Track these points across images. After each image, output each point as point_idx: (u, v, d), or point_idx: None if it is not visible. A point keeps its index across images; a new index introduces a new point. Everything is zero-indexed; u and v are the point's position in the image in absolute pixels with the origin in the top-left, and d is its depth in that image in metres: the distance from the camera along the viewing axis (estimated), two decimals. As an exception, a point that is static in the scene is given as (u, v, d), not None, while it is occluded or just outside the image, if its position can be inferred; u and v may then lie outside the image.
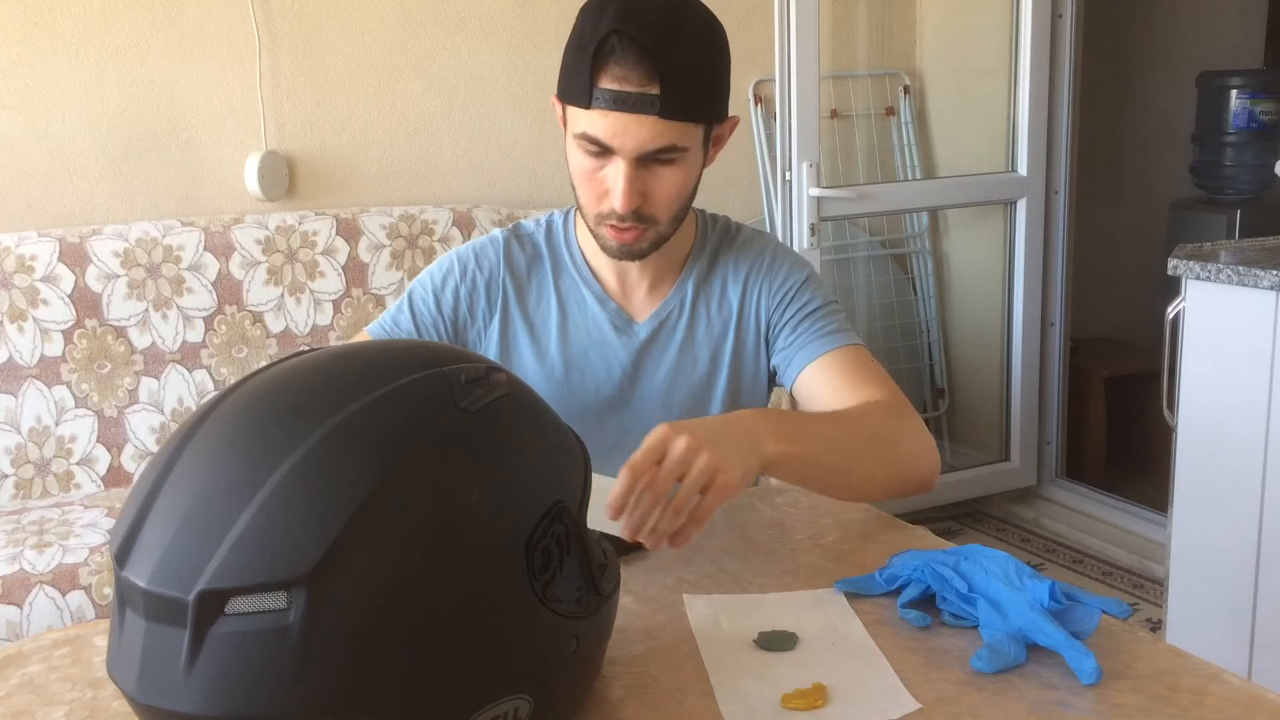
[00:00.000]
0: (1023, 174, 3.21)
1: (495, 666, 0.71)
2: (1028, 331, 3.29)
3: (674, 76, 1.13)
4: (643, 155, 1.17)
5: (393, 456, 0.69)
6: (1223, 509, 2.17)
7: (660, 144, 1.16)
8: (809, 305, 1.33)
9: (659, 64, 1.12)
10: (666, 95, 1.13)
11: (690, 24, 1.15)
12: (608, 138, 1.16)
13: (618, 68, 1.12)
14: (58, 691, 0.89)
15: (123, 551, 0.69)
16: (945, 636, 0.93)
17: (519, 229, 1.39)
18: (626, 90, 1.13)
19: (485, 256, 1.36)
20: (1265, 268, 2.05)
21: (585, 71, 1.14)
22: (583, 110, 1.16)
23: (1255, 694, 0.82)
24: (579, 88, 1.15)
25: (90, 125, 2.56)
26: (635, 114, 1.13)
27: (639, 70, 1.12)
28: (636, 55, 1.12)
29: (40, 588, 1.91)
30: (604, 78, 1.13)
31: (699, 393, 1.36)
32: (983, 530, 3.36)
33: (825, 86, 3.18)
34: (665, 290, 1.36)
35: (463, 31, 2.88)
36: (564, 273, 1.36)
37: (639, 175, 1.18)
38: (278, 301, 2.54)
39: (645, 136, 1.15)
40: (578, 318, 1.35)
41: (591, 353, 1.34)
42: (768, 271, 1.36)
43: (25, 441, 2.31)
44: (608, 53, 1.12)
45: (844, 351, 1.29)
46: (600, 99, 1.14)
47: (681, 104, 1.14)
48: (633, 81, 1.12)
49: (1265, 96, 3.48)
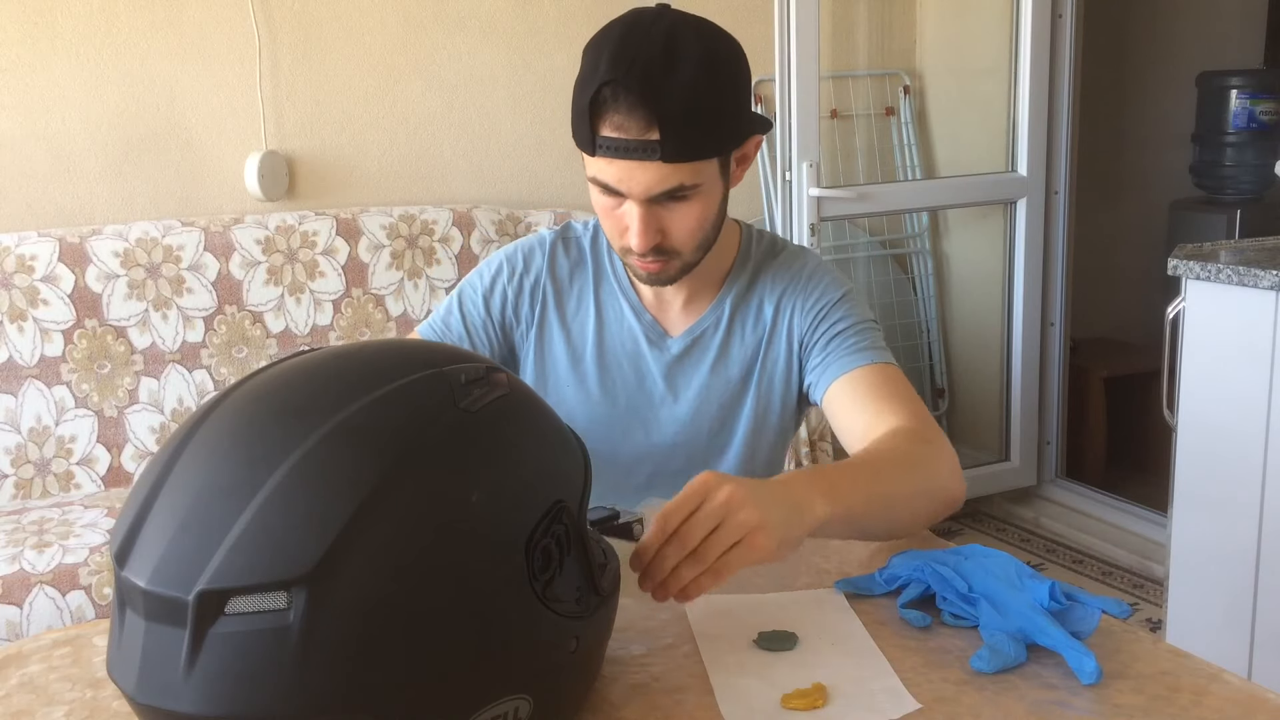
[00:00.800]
0: (1023, 174, 3.21)
1: (495, 666, 0.71)
2: (1028, 331, 3.29)
3: (672, 121, 1.10)
4: (653, 197, 1.15)
5: (392, 457, 0.69)
6: (1222, 509, 2.17)
7: (667, 187, 1.14)
8: (842, 323, 1.30)
9: (655, 110, 1.10)
10: (667, 140, 1.11)
11: (688, 59, 1.12)
12: (615, 183, 1.15)
13: (615, 116, 1.11)
14: (58, 691, 0.89)
15: (122, 551, 0.69)
16: (945, 636, 0.93)
17: (567, 231, 1.38)
18: (626, 139, 1.11)
19: (532, 259, 1.35)
20: (1265, 268, 2.05)
21: (586, 121, 1.13)
22: (591, 156, 1.16)
23: (1255, 694, 0.82)
24: (583, 136, 1.15)
25: (90, 125, 2.56)
26: (638, 160, 1.12)
27: (636, 119, 1.10)
28: (631, 104, 1.10)
29: (40, 588, 1.91)
30: (604, 126, 1.12)
31: (727, 409, 1.34)
32: (983, 530, 3.36)
33: (825, 86, 3.18)
34: (703, 306, 1.34)
35: (463, 31, 2.88)
36: (604, 281, 1.35)
37: (653, 213, 1.17)
38: (278, 301, 2.54)
39: (651, 181, 1.14)
40: (614, 328, 1.34)
41: (625, 363, 1.34)
42: (803, 290, 1.33)
43: (25, 441, 2.31)
44: (604, 102, 1.11)
45: (873, 369, 1.26)
46: (603, 147, 1.13)
47: (684, 146, 1.12)
48: (631, 130, 1.11)
49: (1265, 96, 3.48)
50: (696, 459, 1.35)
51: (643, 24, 1.14)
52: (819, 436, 2.72)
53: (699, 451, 1.35)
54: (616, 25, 1.15)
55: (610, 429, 1.33)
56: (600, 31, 1.16)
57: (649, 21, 1.14)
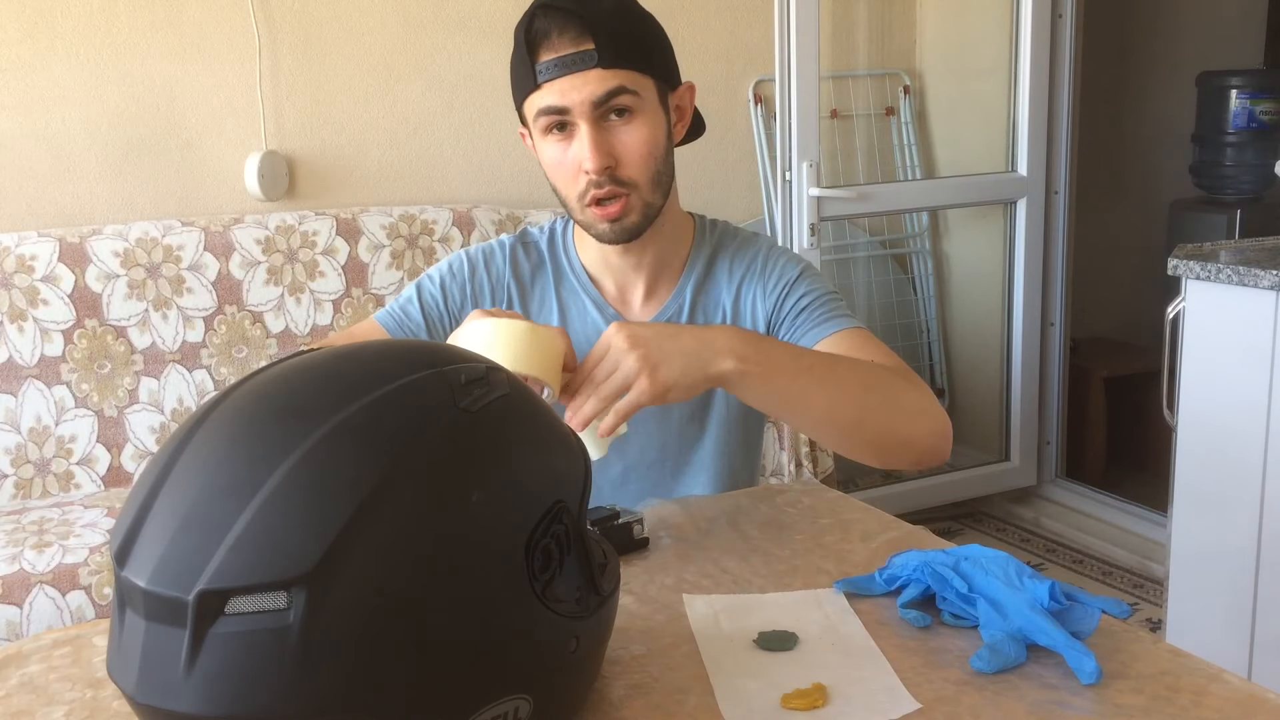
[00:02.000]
0: (1023, 174, 3.21)
1: (495, 667, 0.71)
2: (1028, 331, 3.29)
3: (604, 28, 1.18)
4: (598, 107, 1.20)
5: (392, 457, 0.69)
6: (1223, 509, 2.17)
7: (608, 88, 1.19)
8: (806, 297, 1.33)
9: (587, 22, 1.18)
10: (601, 46, 1.18)
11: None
12: (559, 99, 1.20)
13: (550, 39, 1.19)
14: (57, 691, 0.89)
15: (122, 551, 0.69)
16: (945, 636, 0.93)
17: (525, 235, 1.41)
18: (563, 54, 1.19)
19: (493, 260, 1.37)
20: (1265, 268, 2.05)
21: (525, 58, 1.21)
22: (535, 93, 1.21)
23: (1255, 694, 0.82)
24: (524, 76, 1.22)
25: (90, 125, 2.56)
26: (578, 72, 1.19)
27: (569, 32, 1.18)
28: (564, 20, 1.18)
29: (40, 588, 1.91)
30: (542, 53, 1.20)
31: (699, 397, 1.34)
32: (983, 530, 3.36)
33: (825, 86, 3.18)
34: (664, 296, 1.36)
35: (463, 31, 2.88)
36: (564, 280, 1.37)
37: (602, 135, 1.21)
38: (278, 301, 2.54)
39: (592, 87, 1.19)
40: (578, 324, 1.35)
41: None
42: (760, 273, 1.35)
43: (25, 441, 2.31)
44: (539, 31, 1.19)
45: (844, 334, 1.28)
46: (544, 72, 1.20)
47: (617, 52, 1.19)
48: (567, 44, 1.19)
49: (1265, 96, 3.48)
50: (670, 448, 1.36)
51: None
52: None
53: (672, 440, 1.36)
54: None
55: None
56: None
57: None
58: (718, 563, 1.10)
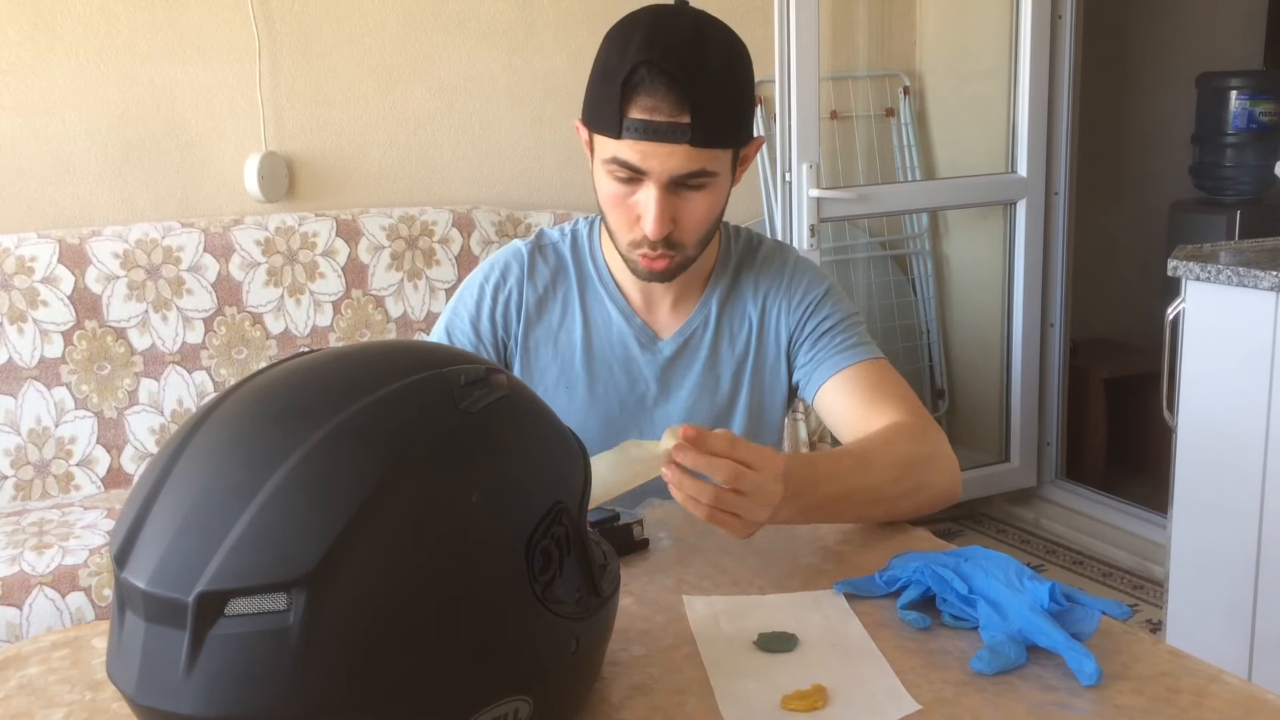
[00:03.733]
0: (1022, 175, 3.21)
1: (495, 668, 0.71)
2: (1028, 332, 3.29)
3: (704, 105, 1.13)
4: (674, 180, 1.16)
5: (392, 458, 0.69)
6: (1223, 509, 2.17)
7: (691, 169, 1.16)
8: (828, 320, 1.32)
9: (688, 93, 1.12)
10: (697, 124, 1.13)
11: (715, 49, 1.15)
12: (639, 162, 1.16)
13: (648, 98, 1.12)
14: (57, 693, 0.89)
15: (122, 553, 0.69)
16: (945, 638, 0.93)
17: (542, 239, 1.38)
18: (657, 120, 1.13)
19: (509, 273, 1.35)
20: (1265, 268, 2.05)
21: (614, 102, 1.14)
22: (614, 140, 1.16)
23: (1255, 694, 0.82)
24: (608, 118, 1.15)
25: (90, 126, 2.56)
26: (667, 143, 1.13)
27: (669, 100, 1.12)
28: (666, 85, 1.12)
29: (40, 589, 1.91)
30: (634, 108, 1.13)
31: (720, 410, 1.35)
32: (983, 531, 3.36)
33: (825, 87, 3.18)
34: (690, 306, 1.35)
35: (462, 32, 2.88)
36: (589, 286, 1.35)
37: (670, 200, 1.18)
38: (277, 303, 2.54)
39: (676, 163, 1.15)
40: (603, 332, 1.34)
41: (616, 367, 1.34)
42: (786, 288, 1.35)
43: (25, 443, 2.31)
44: (637, 83, 1.12)
45: (863, 366, 1.28)
46: (631, 129, 1.14)
47: (712, 132, 1.14)
48: (663, 111, 1.12)
49: (1265, 97, 3.48)
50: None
51: (669, 13, 1.17)
52: (819, 438, 2.71)
53: None
54: (643, 13, 1.17)
55: (604, 432, 1.33)
56: (623, 21, 1.18)
57: (674, 11, 1.17)
58: (717, 564, 1.10)
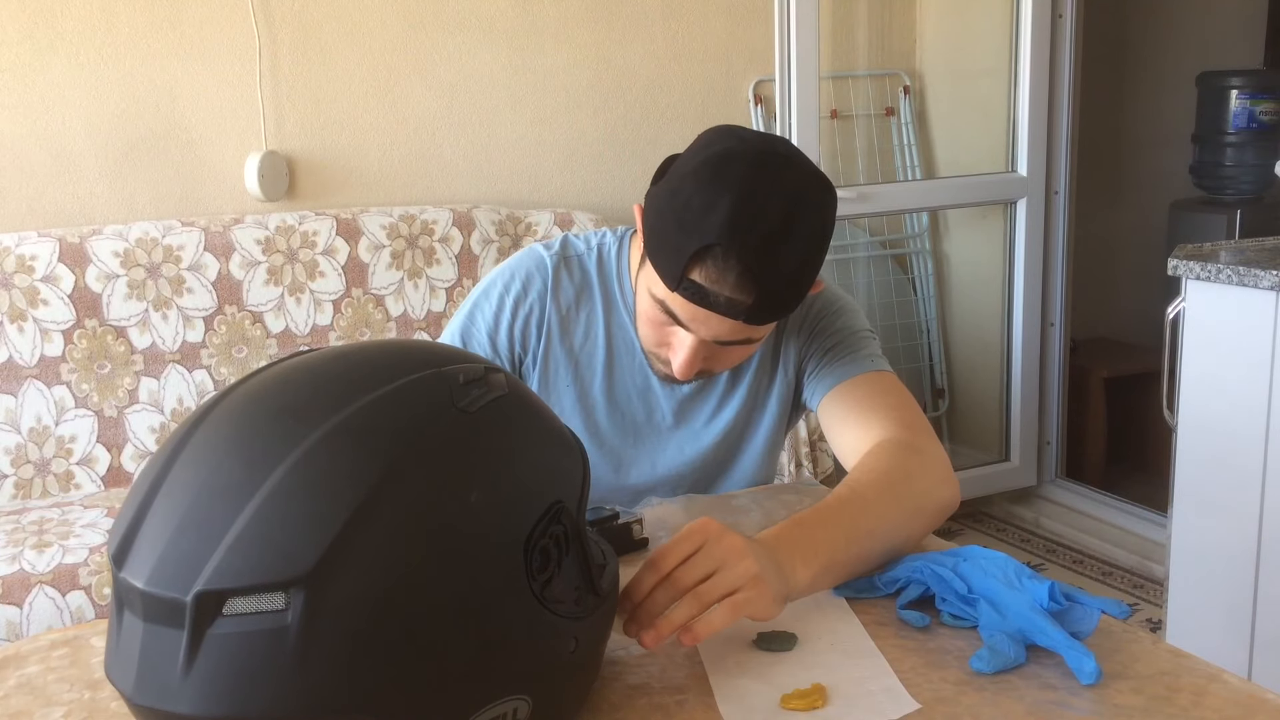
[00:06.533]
0: (1023, 174, 3.21)
1: (494, 667, 0.71)
2: (1028, 331, 3.29)
3: (770, 293, 1.07)
4: (716, 340, 1.13)
5: (391, 457, 0.69)
6: (1223, 509, 2.17)
7: (738, 338, 1.13)
8: (837, 335, 1.29)
9: (758, 282, 1.06)
10: (757, 307, 1.08)
11: (799, 239, 1.07)
12: (687, 320, 1.11)
13: (714, 270, 1.06)
14: (56, 692, 0.89)
15: (120, 552, 0.69)
16: (944, 637, 0.93)
17: (567, 249, 1.32)
18: (717, 293, 1.07)
19: (532, 284, 1.29)
20: (1265, 268, 2.05)
21: (679, 259, 1.06)
22: (668, 289, 1.10)
23: (1255, 694, 0.82)
24: (667, 268, 1.08)
25: (90, 125, 2.56)
26: (720, 315, 1.08)
27: (736, 283, 1.06)
28: (739, 271, 1.05)
29: (40, 588, 1.91)
30: (697, 272, 1.07)
31: (736, 435, 1.34)
32: (983, 531, 3.36)
33: (825, 86, 3.18)
34: None
35: (462, 32, 2.88)
36: (614, 312, 1.31)
37: (703, 348, 1.14)
38: (278, 302, 2.54)
39: (724, 332, 1.11)
40: (624, 361, 1.31)
41: (635, 398, 1.32)
42: (802, 317, 1.31)
43: (25, 441, 2.31)
44: (707, 255, 1.05)
45: (864, 379, 1.24)
46: (689, 290, 1.07)
47: (771, 314, 1.10)
48: (727, 287, 1.06)
49: (1265, 96, 3.48)
50: (701, 483, 1.35)
51: (766, 181, 1.07)
52: (819, 437, 2.71)
53: (705, 476, 1.35)
54: (739, 166, 1.07)
55: (619, 459, 1.32)
56: (717, 159, 1.07)
57: (772, 178, 1.07)
58: (717, 563, 1.09)
